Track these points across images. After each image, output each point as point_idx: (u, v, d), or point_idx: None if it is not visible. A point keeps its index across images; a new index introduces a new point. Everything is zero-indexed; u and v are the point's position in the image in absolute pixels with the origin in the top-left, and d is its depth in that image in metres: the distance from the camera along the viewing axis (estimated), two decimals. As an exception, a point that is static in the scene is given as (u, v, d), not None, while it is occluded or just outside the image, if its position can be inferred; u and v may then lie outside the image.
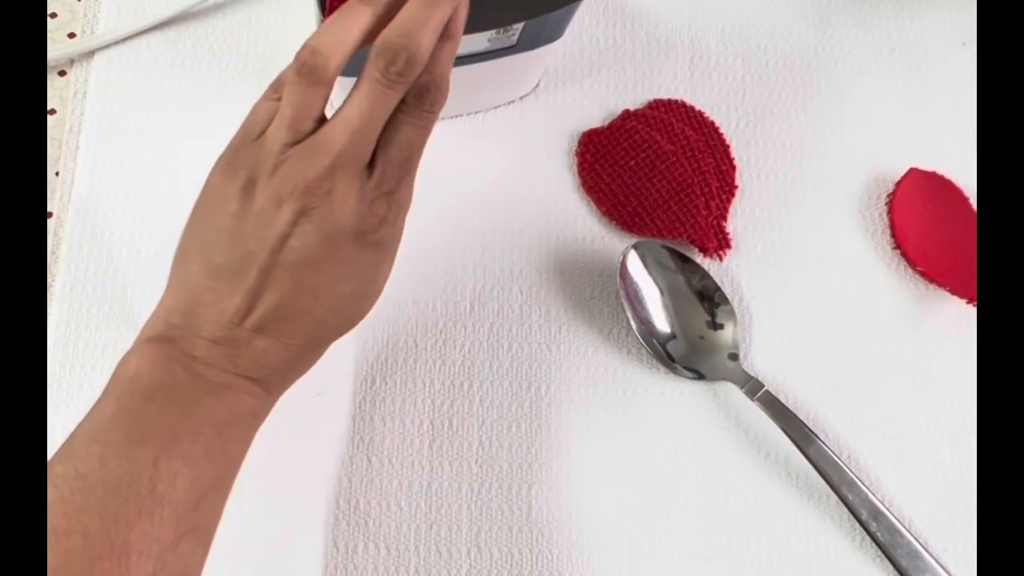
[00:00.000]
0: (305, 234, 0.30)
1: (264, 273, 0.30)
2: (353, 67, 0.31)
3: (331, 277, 0.31)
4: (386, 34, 0.30)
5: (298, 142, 0.30)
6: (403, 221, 0.33)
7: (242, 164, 0.31)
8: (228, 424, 0.31)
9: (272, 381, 0.33)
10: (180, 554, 0.29)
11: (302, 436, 0.41)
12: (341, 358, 0.43)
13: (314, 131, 0.30)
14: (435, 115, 0.32)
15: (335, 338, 0.34)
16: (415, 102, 0.31)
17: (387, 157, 0.31)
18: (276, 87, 0.32)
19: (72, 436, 0.30)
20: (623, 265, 0.43)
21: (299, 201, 0.30)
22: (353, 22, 0.30)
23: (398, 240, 0.33)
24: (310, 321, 0.32)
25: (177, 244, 0.32)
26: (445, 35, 0.31)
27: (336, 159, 0.30)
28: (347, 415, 0.42)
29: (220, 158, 0.32)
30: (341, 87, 0.32)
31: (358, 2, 0.30)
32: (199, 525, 0.30)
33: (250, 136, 0.31)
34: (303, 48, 0.30)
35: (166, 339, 0.31)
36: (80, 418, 0.30)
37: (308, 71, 0.30)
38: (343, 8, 0.30)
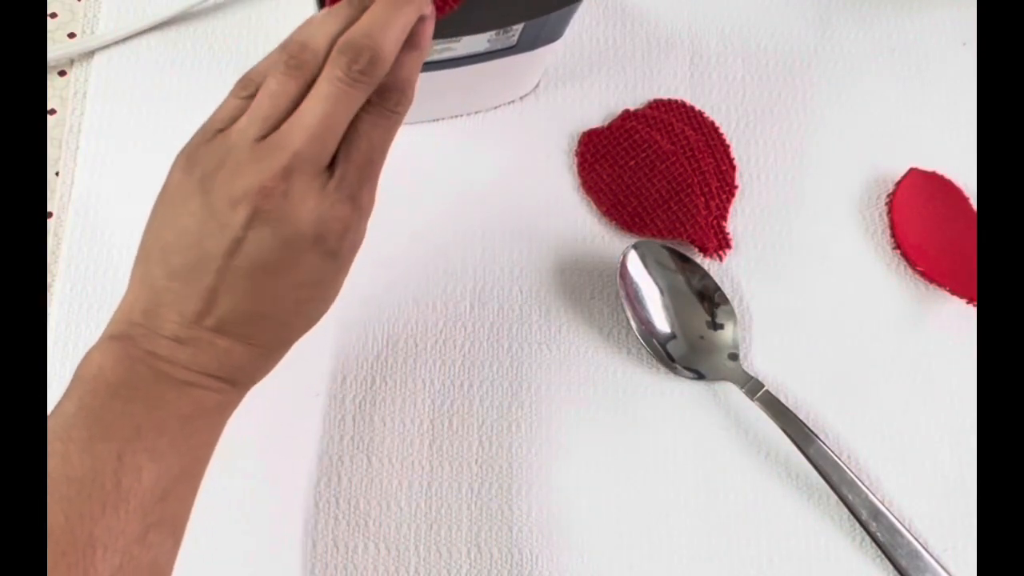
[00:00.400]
0: (260, 238, 0.29)
1: (220, 276, 0.30)
2: None
3: (290, 282, 0.31)
4: (349, 33, 0.29)
5: (264, 138, 0.29)
6: (365, 227, 0.32)
7: (200, 160, 0.30)
8: (193, 418, 0.31)
9: (238, 378, 0.32)
10: (148, 546, 0.29)
11: (302, 436, 0.41)
12: (341, 358, 0.43)
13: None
14: (399, 117, 0.31)
15: (297, 337, 0.33)
16: (379, 101, 0.30)
17: (348, 159, 0.30)
18: (244, 85, 0.31)
19: None
20: (623, 265, 0.43)
21: (253, 203, 0.29)
22: (339, 19, 0.30)
23: (359, 246, 0.32)
24: (271, 323, 0.31)
25: (140, 239, 0.32)
26: (412, 45, 0.31)
27: (292, 159, 0.29)
28: (347, 415, 0.42)
29: (180, 153, 0.31)
30: None
31: (346, 3, 0.30)
32: (166, 517, 0.30)
33: (210, 132, 0.31)
34: (291, 42, 0.30)
35: (128, 337, 0.30)
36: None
37: (296, 64, 0.29)
38: (331, 8, 0.30)
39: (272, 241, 0.29)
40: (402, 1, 0.30)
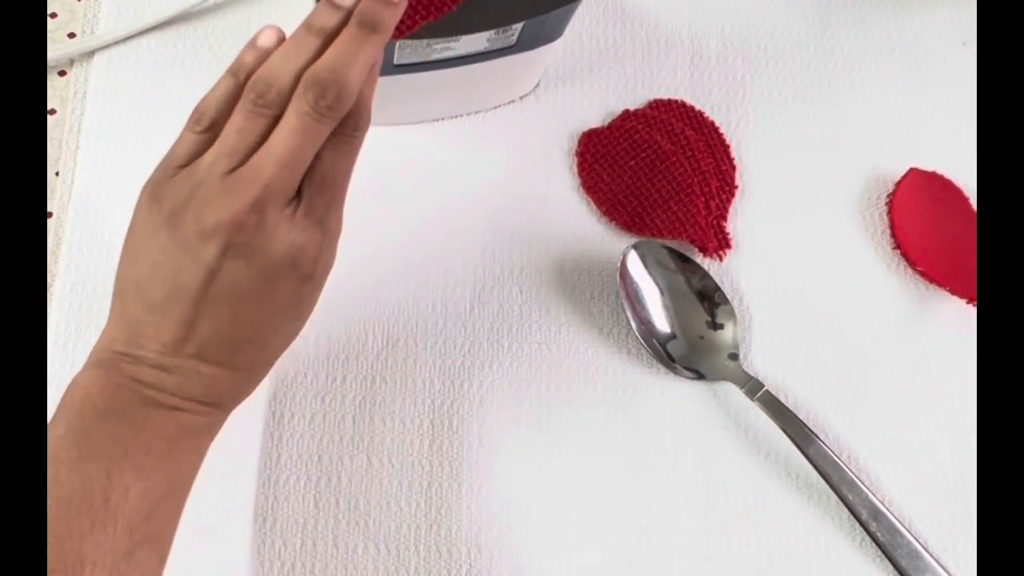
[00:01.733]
0: (235, 269, 0.30)
1: (196, 307, 0.30)
2: None
3: (267, 308, 0.31)
4: (315, 69, 0.30)
5: (232, 172, 0.30)
6: (335, 248, 0.33)
7: (166, 196, 0.31)
8: (179, 438, 0.31)
9: (223, 402, 0.33)
10: (135, 563, 0.30)
11: (302, 436, 0.41)
12: (341, 358, 0.43)
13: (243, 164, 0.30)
14: (359, 141, 0.32)
15: (278, 357, 0.34)
16: (339, 129, 0.31)
17: (312, 185, 0.31)
18: (198, 119, 0.32)
19: None
20: (623, 265, 0.43)
21: (225, 236, 0.29)
22: (303, 52, 0.30)
23: (331, 266, 0.33)
24: (252, 348, 0.32)
25: (115, 273, 0.32)
26: (371, 74, 0.31)
27: (263, 191, 0.29)
28: (347, 415, 0.42)
29: (143, 190, 0.32)
30: None
31: (305, 32, 0.31)
32: (153, 534, 0.31)
33: (171, 168, 0.31)
34: (257, 80, 0.30)
35: (114, 365, 0.31)
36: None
37: (264, 103, 0.30)
38: (291, 39, 0.31)
39: (247, 271, 0.30)
40: (365, 35, 0.30)
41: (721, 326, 0.43)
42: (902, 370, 0.44)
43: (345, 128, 0.31)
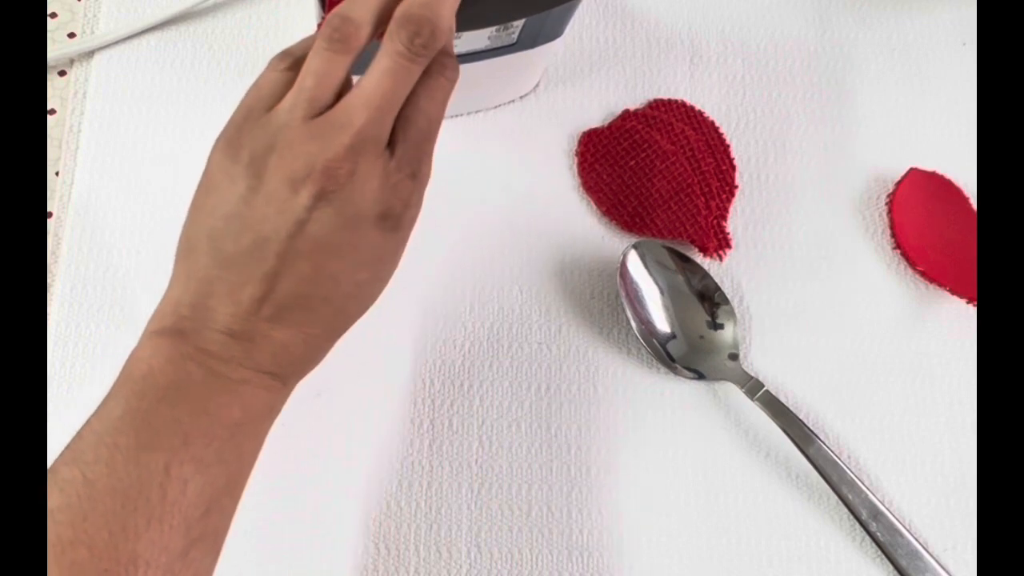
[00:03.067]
0: (325, 219, 0.28)
1: (281, 260, 0.28)
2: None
3: (351, 263, 0.29)
4: (407, 5, 0.28)
5: (315, 117, 0.28)
6: (422, 199, 0.31)
7: (247, 142, 0.29)
8: (242, 424, 0.30)
9: (288, 373, 0.31)
10: (189, 562, 0.28)
11: (302, 436, 0.41)
12: (341, 358, 0.43)
13: (332, 107, 0.28)
14: (450, 84, 0.30)
15: (351, 324, 0.32)
16: (428, 71, 0.29)
17: (406, 135, 0.29)
18: (284, 56, 0.30)
19: (79, 436, 0.29)
20: (623, 265, 0.43)
21: (318, 184, 0.28)
22: None
23: (416, 218, 0.31)
24: (329, 309, 0.30)
25: (180, 233, 0.31)
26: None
27: (356, 138, 0.28)
28: (347, 415, 0.42)
29: (220, 136, 0.30)
30: None
31: None
32: (209, 531, 0.29)
33: (255, 111, 0.29)
34: (334, 16, 0.28)
35: (178, 332, 0.29)
36: (81, 418, 0.30)
37: (340, 38, 0.28)
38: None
39: (337, 221, 0.28)
40: None
41: (721, 326, 0.43)
42: (902, 370, 0.44)
43: (433, 70, 0.29)
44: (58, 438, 0.30)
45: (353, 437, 0.42)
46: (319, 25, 0.33)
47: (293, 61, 0.30)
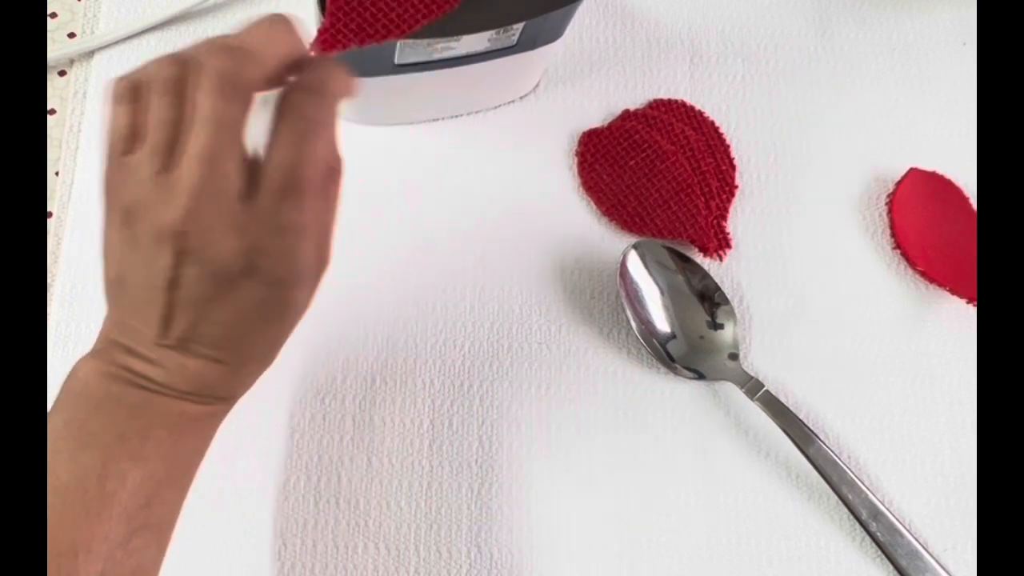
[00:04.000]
0: (192, 276, 0.28)
1: (168, 307, 0.28)
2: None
3: (236, 309, 0.29)
4: (212, 38, 0.28)
5: (163, 171, 0.27)
6: (313, 248, 0.29)
7: (117, 190, 0.28)
8: (180, 424, 0.30)
9: (217, 394, 0.31)
10: (131, 551, 0.29)
11: (302, 436, 0.41)
12: (341, 358, 0.43)
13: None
14: (313, 124, 0.28)
15: (273, 350, 0.31)
16: (284, 112, 0.28)
17: (260, 185, 0.28)
18: (125, 86, 0.28)
19: None
20: (623, 265, 0.43)
21: (173, 244, 0.27)
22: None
23: (315, 268, 0.29)
24: (234, 345, 0.30)
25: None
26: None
27: (193, 197, 0.27)
28: (347, 415, 0.42)
29: (102, 176, 0.29)
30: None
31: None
32: (151, 522, 0.30)
33: (115, 154, 0.28)
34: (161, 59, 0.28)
35: (108, 354, 0.30)
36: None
37: (164, 86, 0.27)
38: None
39: (204, 278, 0.28)
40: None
41: (721, 326, 0.43)
42: (902, 370, 0.44)
43: (286, 110, 0.28)
44: (58, 438, 0.30)
45: (353, 437, 0.42)
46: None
47: (133, 88, 0.28)
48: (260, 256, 0.28)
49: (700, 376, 0.43)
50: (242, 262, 0.28)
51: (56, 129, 0.45)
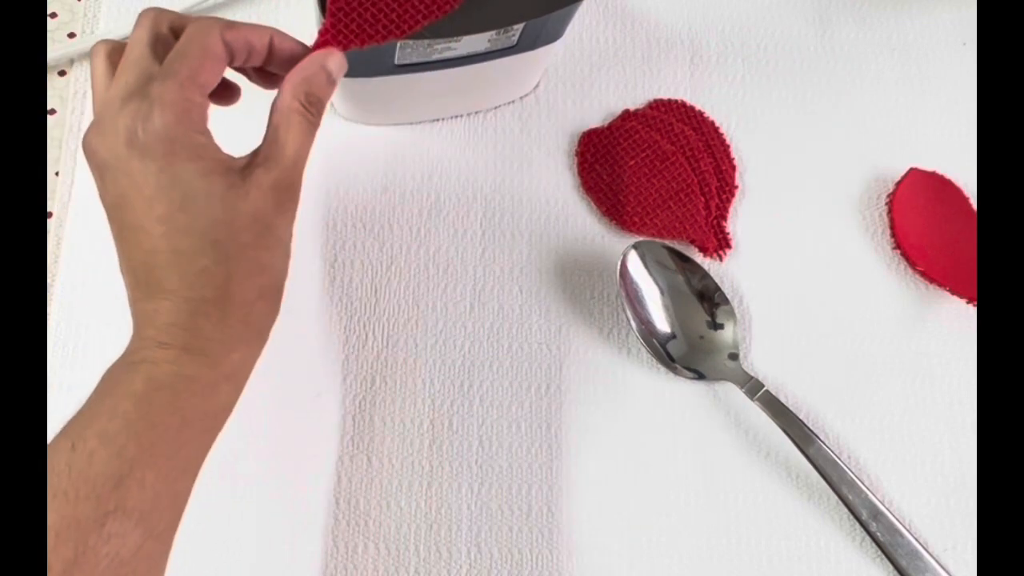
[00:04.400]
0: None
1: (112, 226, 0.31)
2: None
3: (204, 223, 0.30)
4: None
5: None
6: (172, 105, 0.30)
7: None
8: (148, 394, 0.30)
9: (190, 344, 0.31)
10: (106, 537, 0.28)
11: (302, 436, 0.41)
12: (341, 358, 0.43)
13: None
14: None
15: (252, 289, 0.32)
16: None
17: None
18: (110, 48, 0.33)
19: None
20: (623, 265, 0.43)
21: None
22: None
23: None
24: (210, 275, 0.31)
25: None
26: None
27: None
28: (347, 415, 0.42)
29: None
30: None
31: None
32: (127, 505, 0.28)
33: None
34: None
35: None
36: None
37: None
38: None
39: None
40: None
41: (721, 326, 0.43)
42: (902, 370, 0.44)
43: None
44: (58, 438, 0.30)
45: (353, 437, 0.42)
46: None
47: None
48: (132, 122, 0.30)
49: (700, 376, 0.43)
50: (125, 134, 0.30)
51: (56, 129, 0.45)
